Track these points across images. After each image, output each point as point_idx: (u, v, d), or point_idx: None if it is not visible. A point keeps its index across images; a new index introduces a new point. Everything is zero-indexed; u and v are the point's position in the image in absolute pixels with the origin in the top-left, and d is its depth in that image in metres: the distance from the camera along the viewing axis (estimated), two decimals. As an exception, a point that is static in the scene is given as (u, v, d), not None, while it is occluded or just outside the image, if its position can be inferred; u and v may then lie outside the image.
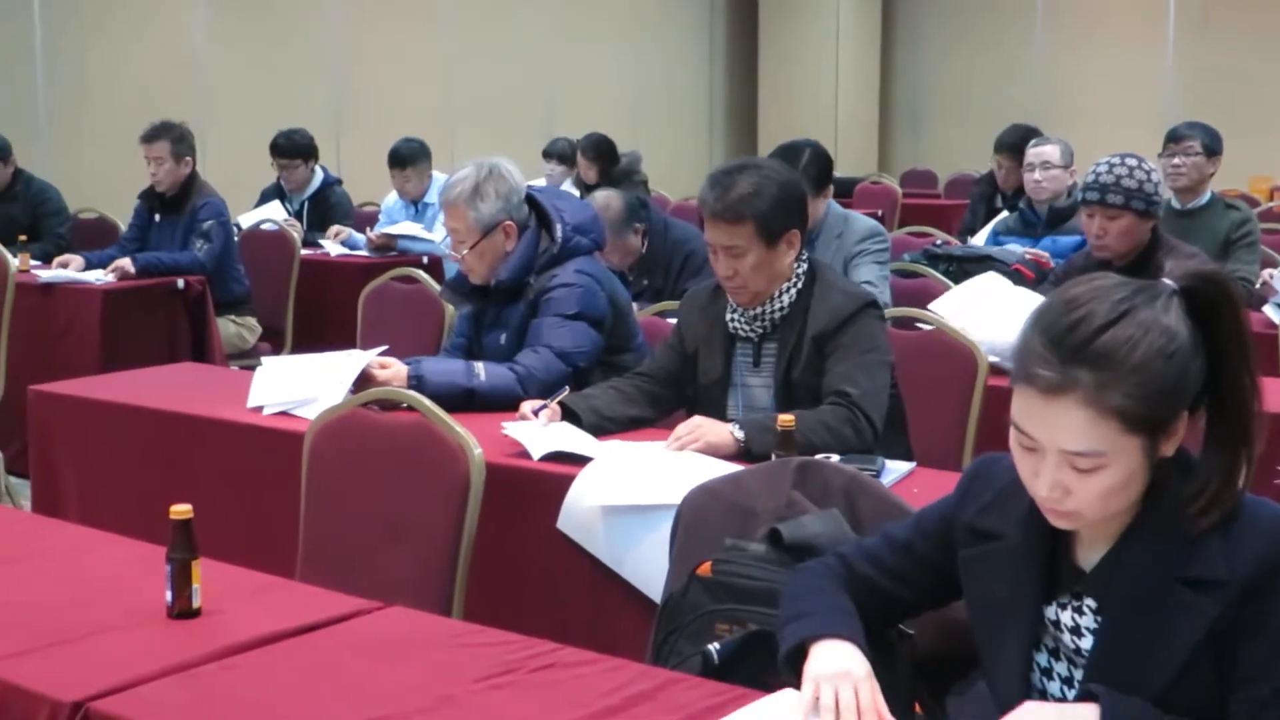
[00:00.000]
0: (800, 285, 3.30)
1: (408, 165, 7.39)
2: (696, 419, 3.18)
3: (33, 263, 6.08)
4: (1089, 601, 1.81)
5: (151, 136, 6.30)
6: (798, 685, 1.83)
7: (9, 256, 5.62)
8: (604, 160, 8.19)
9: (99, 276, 5.89)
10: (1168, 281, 1.74)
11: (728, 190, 3.23)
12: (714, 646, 2.09)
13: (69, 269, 6.02)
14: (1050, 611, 1.84)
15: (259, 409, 3.61)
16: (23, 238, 6.36)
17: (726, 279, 3.27)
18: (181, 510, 2.21)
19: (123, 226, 6.81)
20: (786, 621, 1.92)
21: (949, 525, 1.96)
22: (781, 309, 3.29)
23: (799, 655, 1.85)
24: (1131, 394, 1.66)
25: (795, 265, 3.30)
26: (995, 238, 5.86)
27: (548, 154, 8.86)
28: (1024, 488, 1.79)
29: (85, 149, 8.53)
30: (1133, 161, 4.18)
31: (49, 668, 2.03)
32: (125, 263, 5.96)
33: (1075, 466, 1.69)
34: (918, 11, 14.07)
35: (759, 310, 3.30)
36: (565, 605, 3.11)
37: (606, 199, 5.15)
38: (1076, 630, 1.81)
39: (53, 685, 1.96)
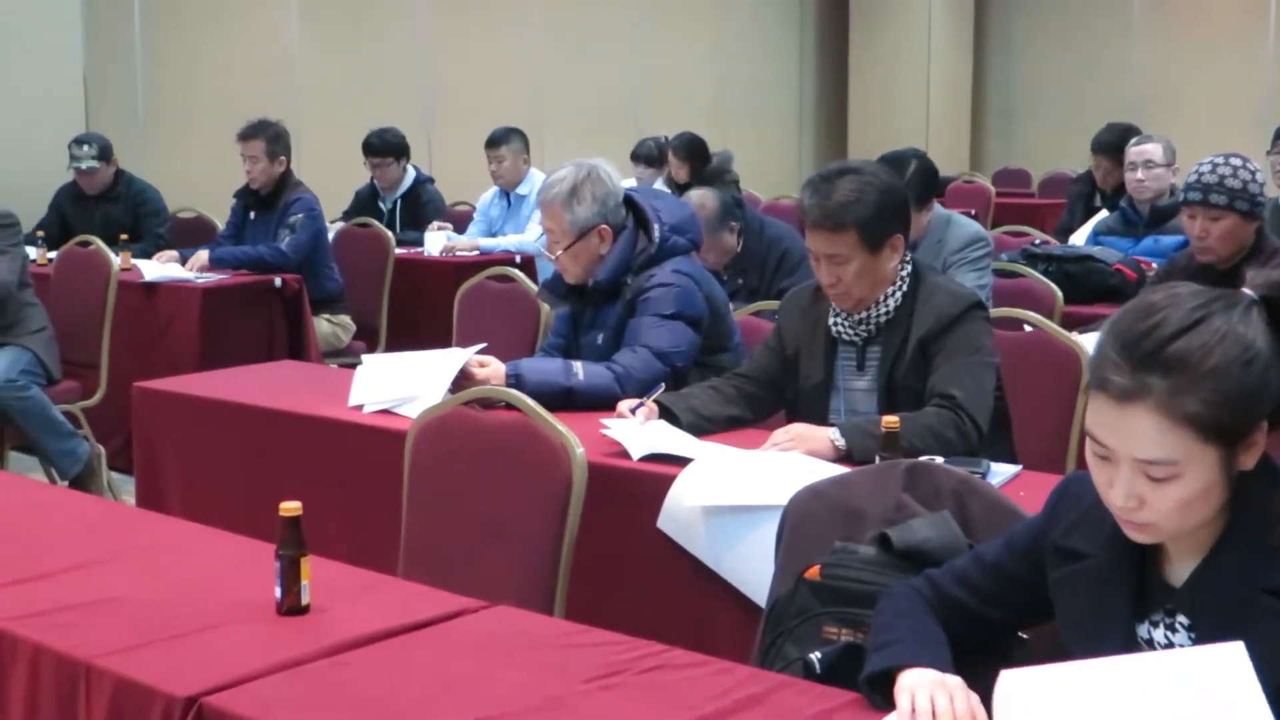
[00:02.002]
0: (905, 288, 3.25)
1: (501, 144, 7.42)
2: (795, 426, 3.17)
3: (133, 261, 6.17)
4: (1181, 618, 1.77)
5: (247, 135, 6.39)
6: (879, 704, 1.82)
7: (111, 256, 5.70)
8: (695, 159, 8.17)
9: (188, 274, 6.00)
10: (1248, 291, 1.71)
11: (828, 197, 3.18)
12: (816, 655, 2.07)
13: (161, 261, 6.14)
14: (1143, 630, 1.81)
15: (359, 407, 3.64)
16: (124, 237, 6.47)
17: (829, 286, 3.23)
18: (291, 507, 2.23)
19: (220, 225, 6.91)
20: (874, 649, 1.91)
21: (1039, 545, 1.93)
22: (886, 313, 3.25)
23: (884, 681, 1.83)
24: (1206, 400, 1.63)
25: (899, 268, 3.26)
26: (1095, 237, 5.78)
27: (635, 157, 8.81)
28: None
29: (183, 149, 8.66)
30: (1236, 161, 4.09)
31: (162, 662, 2.06)
32: (201, 255, 6.06)
33: (1149, 476, 1.67)
34: (1011, 7, 13.92)
35: (863, 314, 3.26)
36: (665, 605, 3.09)
37: (701, 198, 5.14)
38: (1170, 648, 1.77)
39: (166, 680, 1.99)
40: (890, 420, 2.84)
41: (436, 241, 7.12)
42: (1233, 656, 1.62)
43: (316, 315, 6.28)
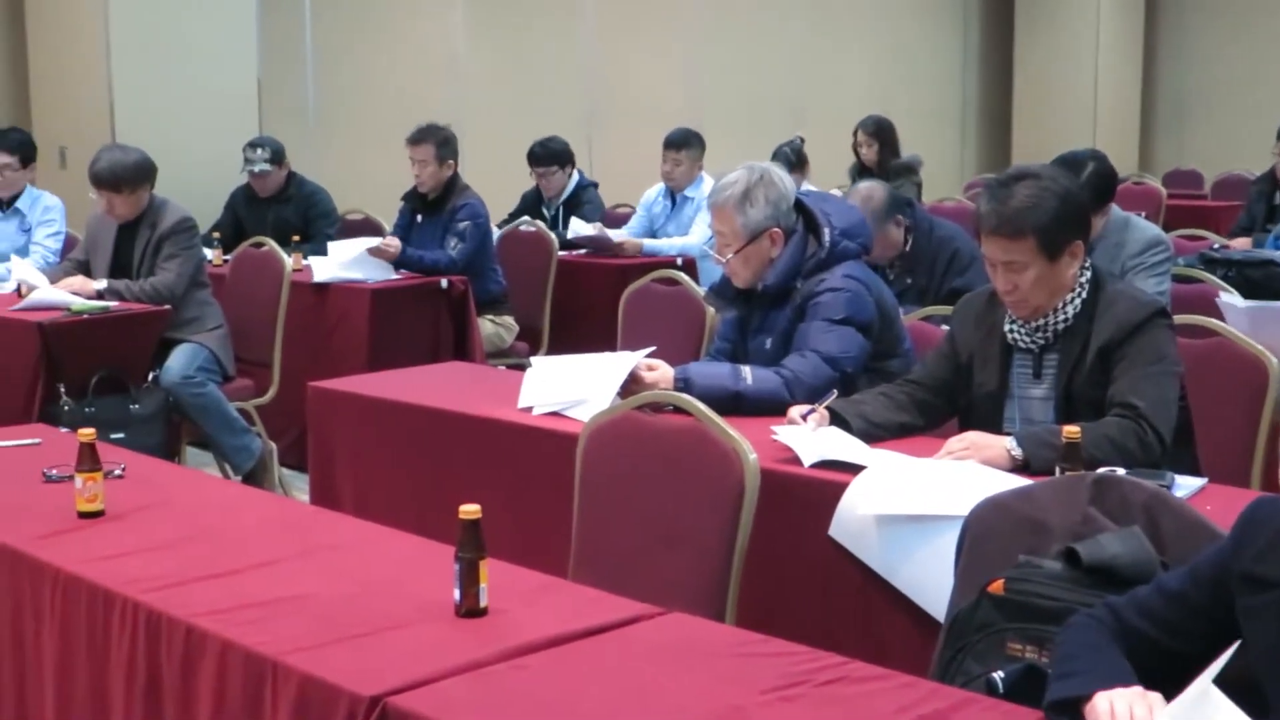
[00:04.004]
0: (1084, 295, 3.17)
1: (681, 148, 7.43)
2: (970, 434, 3.11)
3: (304, 261, 6.30)
4: None
5: (418, 139, 6.48)
6: None
7: (285, 256, 5.83)
8: (884, 138, 8.15)
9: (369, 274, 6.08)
10: None
11: (1005, 203, 3.11)
12: (999, 675, 2.03)
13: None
14: None
15: (529, 409, 3.67)
16: (295, 238, 6.61)
17: (1006, 293, 3.16)
18: (470, 510, 2.25)
19: (387, 227, 7.02)
20: (1058, 678, 1.86)
21: (1225, 574, 1.87)
22: (1065, 320, 3.17)
23: (1071, 710, 1.79)
24: None
25: (1078, 275, 3.17)
26: (1277, 241, 5.59)
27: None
28: None
29: (352, 151, 8.83)
30: None
31: (346, 661, 2.09)
32: (394, 242, 6.15)
33: None
34: (1183, 5, 13.54)
35: (1040, 321, 3.19)
36: (836, 614, 3.06)
37: (869, 190, 5.09)
38: None
39: (351, 679, 2.02)
40: (1071, 430, 2.77)
41: (583, 227, 7.15)
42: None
43: (480, 316, 6.35)
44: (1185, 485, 2.88)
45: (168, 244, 5.44)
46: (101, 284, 5.41)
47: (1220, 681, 1.89)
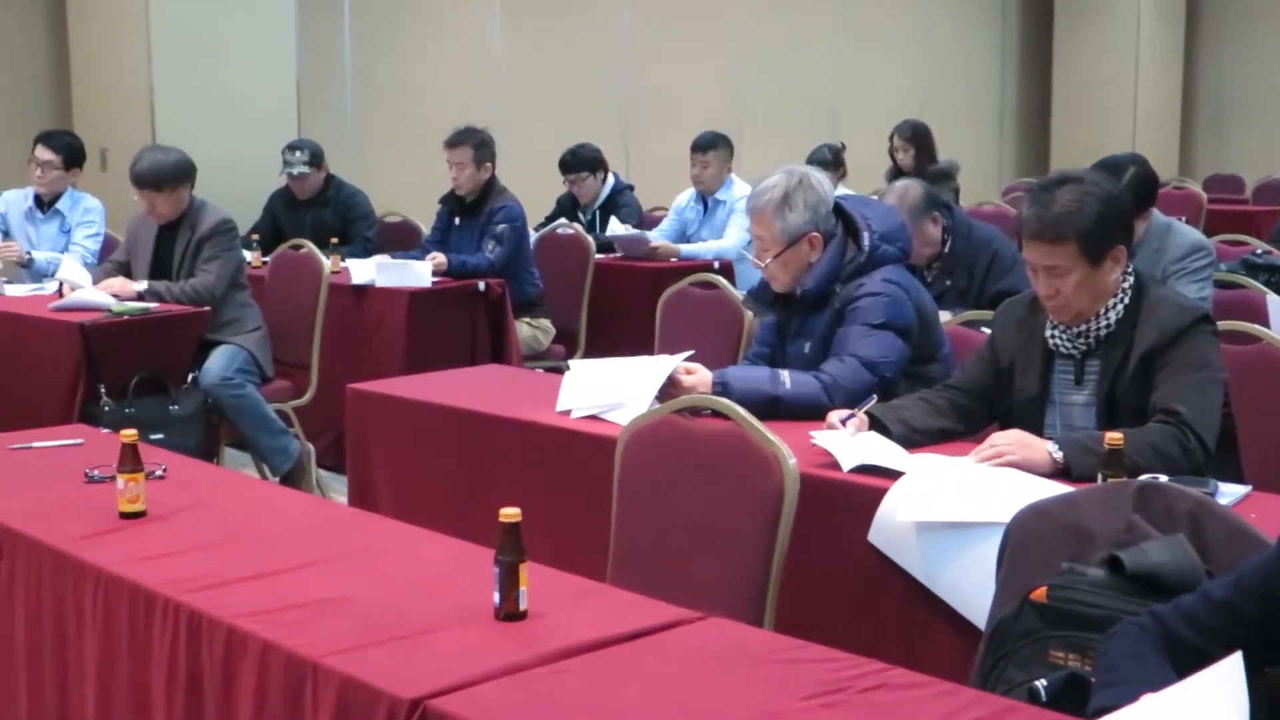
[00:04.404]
0: (1127, 300, 3.15)
1: (708, 150, 7.42)
2: (1014, 432, 3.09)
3: (342, 264, 6.32)
4: None
5: (455, 141, 6.49)
6: None
7: (323, 259, 5.85)
8: (920, 143, 8.12)
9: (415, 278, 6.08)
10: None
11: (1047, 207, 3.09)
12: (1041, 683, 2.02)
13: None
14: None
15: (567, 412, 3.67)
16: (334, 240, 6.63)
17: (1047, 298, 3.14)
18: (511, 514, 2.24)
19: (424, 229, 7.05)
20: (1102, 686, 1.85)
21: (1272, 583, 1.86)
22: (1107, 325, 3.15)
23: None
24: None
25: (1121, 280, 3.15)
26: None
27: (809, 164, 8.63)
28: None
29: (389, 154, 8.87)
30: None
31: (386, 664, 2.09)
32: (440, 259, 6.17)
33: None
34: (1225, 7, 13.44)
35: (1082, 327, 3.17)
36: (875, 620, 3.05)
37: (905, 186, 5.07)
38: None
39: (392, 681, 2.02)
40: (1114, 436, 2.75)
41: (618, 228, 7.15)
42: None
43: (517, 319, 6.35)
44: (1229, 493, 2.85)
45: (207, 246, 5.47)
46: (142, 285, 5.44)
47: (1266, 691, 1.88)
